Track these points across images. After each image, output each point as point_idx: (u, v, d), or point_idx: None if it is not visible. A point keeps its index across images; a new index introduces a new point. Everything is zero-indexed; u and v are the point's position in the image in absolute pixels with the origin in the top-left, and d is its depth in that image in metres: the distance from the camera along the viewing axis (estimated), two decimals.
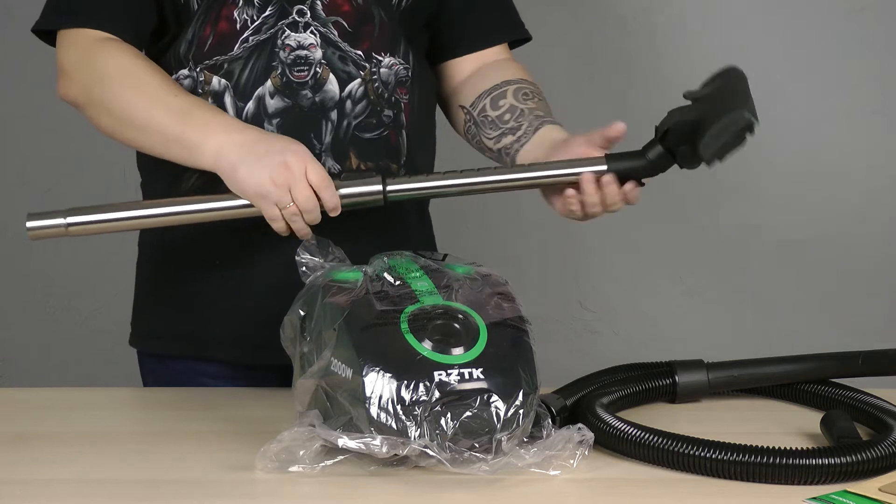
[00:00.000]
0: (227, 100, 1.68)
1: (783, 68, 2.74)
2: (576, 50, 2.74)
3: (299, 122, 1.68)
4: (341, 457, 1.36)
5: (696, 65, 1.90)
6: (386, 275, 1.48)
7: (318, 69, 1.68)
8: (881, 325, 2.78)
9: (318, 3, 1.69)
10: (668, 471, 1.38)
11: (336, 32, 1.69)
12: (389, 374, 1.35)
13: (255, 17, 1.68)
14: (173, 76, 1.69)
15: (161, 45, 1.74)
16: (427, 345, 1.38)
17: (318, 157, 1.67)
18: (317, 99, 1.68)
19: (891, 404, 1.53)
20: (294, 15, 1.68)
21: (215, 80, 1.68)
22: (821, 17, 2.74)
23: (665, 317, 2.82)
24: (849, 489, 1.31)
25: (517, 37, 1.85)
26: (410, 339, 1.38)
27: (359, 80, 1.70)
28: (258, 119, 1.68)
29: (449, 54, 1.83)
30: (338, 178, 1.59)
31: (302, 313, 1.48)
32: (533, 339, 1.44)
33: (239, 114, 1.68)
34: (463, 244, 2.10)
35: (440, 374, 1.35)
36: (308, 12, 1.68)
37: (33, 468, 1.42)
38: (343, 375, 1.38)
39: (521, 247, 2.72)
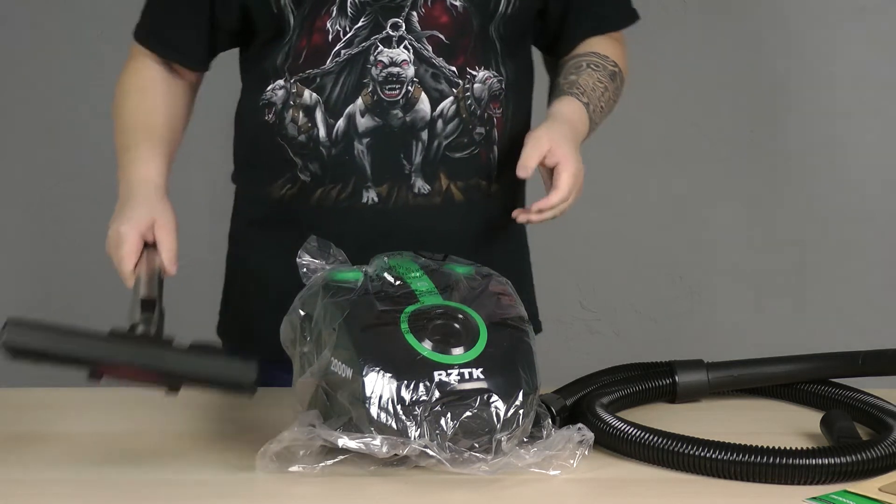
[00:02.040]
0: (318, 115, 1.66)
1: (783, 69, 2.75)
2: None
3: (389, 142, 1.65)
4: (341, 457, 1.36)
5: None
6: (386, 275, 1.48)
7: (409, 87, 1.64)
8: (881, 325, 2.78)
9: (415, 14, 1.64)
10: (668, 471, 1.38)
11: (431, 48, 1.65)
12: (389, 374, 1.35)
13: (347, 29, 1.64)
14: (268, 87, 1.68)
15: (257, 54, 1.72)
16: (427, 345, 1.38)
17: (408, 177, 1.66)
18: (407, 119, 1.65)
19: (891, 404, 1.53)
20: (388, 29, 1.64)
21: (307, 93, 1.66)
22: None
23: (665, 317, 2.82)
24: (849, 489, 1.31)
25: (624, 25, 1.79)
26: (410, 339, 1.38)
27: (451, 98, 1.65)
28: (348, 137, 1.65)
29: (562, 50, 1.77)
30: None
31: (302, 313, 1.48)
32: (533, 339, 1.44)
33: (329, 130, 1.66)
34: None
35: (440, 374, 1.35)
36: (403, 25, 1.64)
37: (33, 468, 1.42)
38: (343, 375, 1.38)
39: None
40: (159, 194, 1.66)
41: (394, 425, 1.34)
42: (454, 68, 1.65)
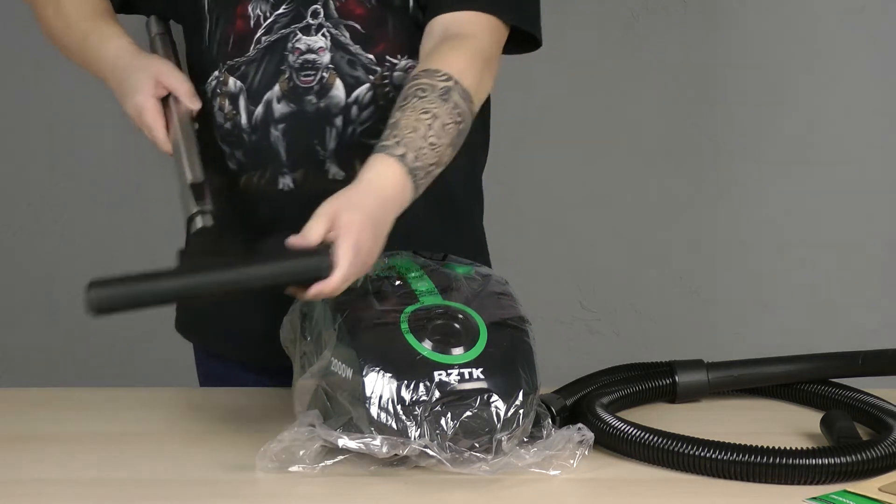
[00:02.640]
0: (241, 103, 1.68)
1: (783, 69, 2.74)
2: None
3: (303, 127, 1.66)
4: (341, 457, 1.36)
5: None
6: (386, 275, 1.48)
7: (324, 74, 1.65)
8: (881, 325, 2.78)
9: (332, 3, 1.66)
10: (668, 471, 1.38)
11: (348, 34, 1.66)
12: (389, 374, 1.35)
13: (268, 14, 1.66)
14: (207, 80, 1.70)
15: (191, 48, 1.75)
16: (427, 345, 1.38)
17: (322, 163, 1.66)
18: (321, 104, 1.65)
19: (891, 404, 1.53)
20: (308, 17, 1.66)
21: (232, 81, 1.68)
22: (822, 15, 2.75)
23: (665, 317, 2.82)
24: (849, 489, 1.31)
25: (485, 9, 1.61)
26: (410, 339, 1.38)
27: (367, 85, 1.66)
28: (265, 123, 1.67)
29: (424, 23, 1.64)
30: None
31: (302, 313, 1.48)
32: (533, 339, 1.44)
33: (250, 117, 1.67)
34: None
35: (440, 374, 1.35)
36: (322, 12, 1.66)
37: (33, 468, 1.42)
38: (343, 375, 1.38)
39: (521, 247, 2.71)
40: (143, 54, 1.68)
41: (394, 425, 1.34)
42: (372, 56, 1.65)
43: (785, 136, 2.75)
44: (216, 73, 1.70)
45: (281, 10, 1.67)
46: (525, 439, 1.38)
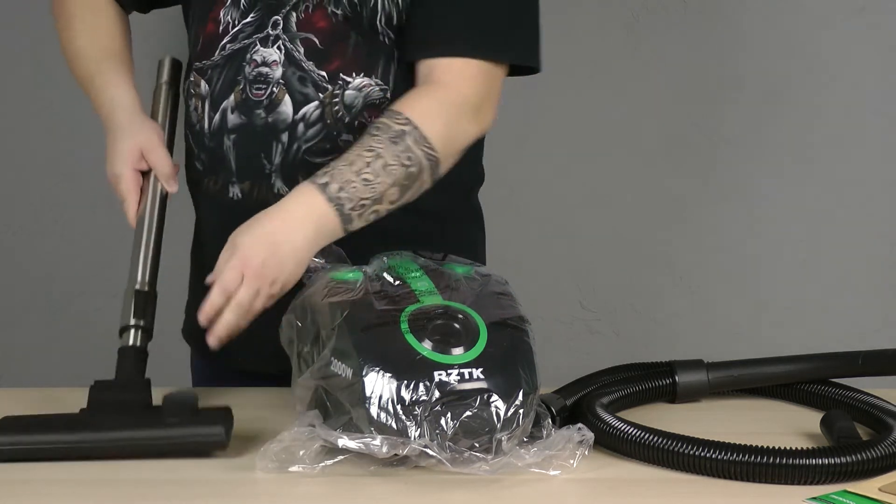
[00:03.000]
0: (206, 107, 1.69)
1: (783, 69, 2.74)
2: None
3: (252, 140, 1.67)
4: (341, 457, 1.36)
5: None
6: (386, 275, 1.48)
7: (274, 89, 1.65)
8: (881, 325, 2.78)
9: (294, 15, 1.66)
10: (668, 471, 1.38)
11: (302, 50, 1.65)
12: (389, 375, 1.35)
13: (236, 22, 1.67)
14: (189, 76, 1.73)
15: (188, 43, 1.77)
16: (427, 345, 1.38)
17: (269, 177, 1.66)
18: (269, 119, 1.65)
19: (891, 404, 1.53)
20: (269, 28, 1.66)
21: (202, 83, 1.70)
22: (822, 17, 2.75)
23: (665, 317, 2.82)
24: (849, 489, 1.31)
25: (471, 55, 1.61)
26: (410, 339, 1.38)
27: (316, 102, 1.65)
28: (221, 132, 1.68)
29: (408, 59, 1.65)
30: None
31: (302, 313, 1.48)
32: (533, 339, 1.44)
33: (210, 123, 1.69)
34: None
35: (440, 374, 1.35)
36: (281, 24, 1.65)
37: (33, 468, 1.41)
38: (343, 375, 1.38)
39: (521, 247, 2.71)
40: (138, 117, 1.69)
41: (394, 425, 1.34)
42: (324, 73, 1.65)
43: (785, 136, 2.75)
44: (192, 70, 1.72)
45: (248, 19, 1.67)
46: (525, 439, 1.38)
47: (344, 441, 1.34)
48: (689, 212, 2.79)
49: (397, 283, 1.47)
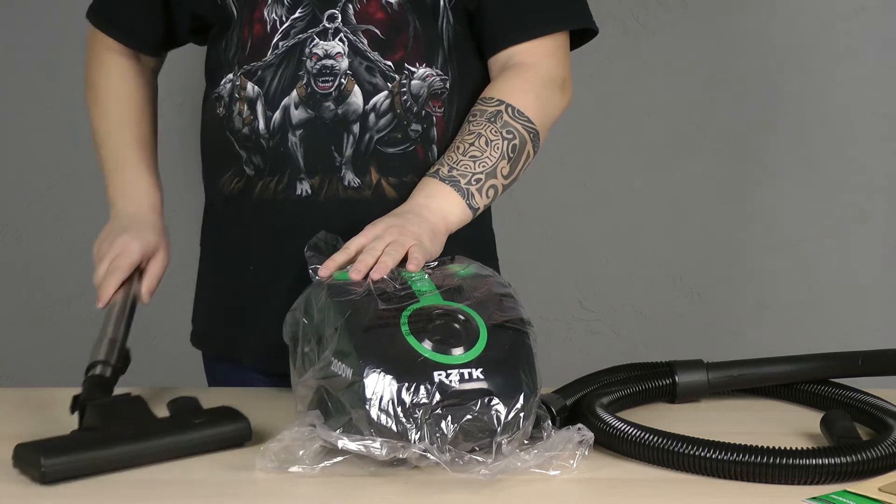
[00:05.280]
0: (259, 108, 1.68)
1: (783, 69, 2.74)
2: None
3: (321, 133, 1.66)
4: (341, 457, 1.36)
5: None
6: (387, 275, 1.47)
7: (342, 80, 1.65)
8: (881, 325, 2.78)
9: (351, 7, 1.66)
10: (668, 471, 1.38)
11: (366, 41, 1.65)
12: (390, 376, 1.35)
13: (284, 18, 1.66)
14: (221, 80, 1.72)
15: (211, 46, 1.76)
16: (427, 345, 1.38)
17: (339, 169, 1.66)
18: (339, 111, 1.66)
19: (891, 404, 1.53)
20: (325, 21, 1.65)
21: (250, 86, 1.68)
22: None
23: (665, 317, 2.82)
24: (849, 489, 1.31)
25: (549, 31, 1.71)
26: (411, 339, 1.38)
27: (385, 92, 1.66)
28: (283, 129, 1.67)
29: (487, 52, 1.73)
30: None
31: (303, 313, 1.48)
32: (534, 341, 1.43)
33: (268, 122, 1.67)
34: None
35: (440, 376, 1.35)
36: (339, 17, 1.65)
37: None
38: (343, 376, 1.38)
39: (521, 247, 2.71)
40: (162, 225, 1.76)
41: (394, 427, 1.34)
42: (390, 63, 1.66)
43: (785, 136, 2.75)
44: (230, 75, 1.70)
45: (297, 14, 1.66)
46: (525, 441, 1.38)
47: (344, 442, 1.34)
48: (690, 212, 2.79)
49: (398, 283, 1.47)
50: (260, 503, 1.34)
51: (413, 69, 1.67)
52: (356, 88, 1.66)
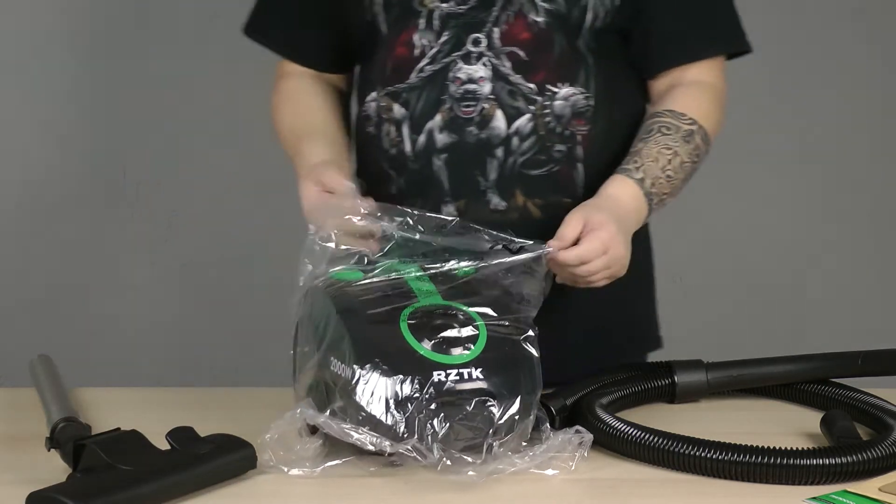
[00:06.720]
0: (405, 130, 1.67)
1: (783, 69, 2.74)
2: None
3: (465, 158, 1.66)
4: (341, 460, 1.36)
5: None
6: (386, 274, 1.47)
7: (485, 105, 1.64)
8: (881, 325, 2.78)
9: (497, 30, 1.64)
10: (668, 471, 1.38)
11: (509, 64, 1.64)
12: (387, 374, 1.35)
13: (433, 43, 1.65)
14: (367, 99, 1.71)
15: (360, 65, 1.76)
16: (426, 344, 1.38)
17: (483, 193, 1.66)
18: (482, 135, 1.65)
19: (891, 404, 1.53)
20: (469, 45, 1.64)
21: (396, 107, 1.67)
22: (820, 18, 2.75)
23: (665, 317, 2.82)
24: (849, 489, 1.31)
25: (717, 53, 1.75)
26: (409, 338, 1.38)
27: (528, 115, 1.64)
28: (428, 152, 1.66)
29: (649, 77, 1.74)
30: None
31: (303, 311, 1.48)
32: (535, 343, 1.43)
33: (413, 145, 1.67)
34: None
35: (438, 374, 1.35)
36: (484, 41, 1.64)
37: (34, 468, 1.41)
38: (341, 373, 1.38)
39: None
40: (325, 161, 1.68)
41: (387, 422, 1.33)
42: (533, 85, 1.65)
43: (784, 135, 2.75)
44: (374, 94, 1.70)
45: (444, 38, 1.65)
46: (524, 443, 1.38)
47: (328, 424, 1.34)
48: (689, 211, 2.79)
49: (398, 282, 1.47)
50: (260, 503, 1.34)
51: (555, 89, 1.65)
52: (498, 112, 1.64)
